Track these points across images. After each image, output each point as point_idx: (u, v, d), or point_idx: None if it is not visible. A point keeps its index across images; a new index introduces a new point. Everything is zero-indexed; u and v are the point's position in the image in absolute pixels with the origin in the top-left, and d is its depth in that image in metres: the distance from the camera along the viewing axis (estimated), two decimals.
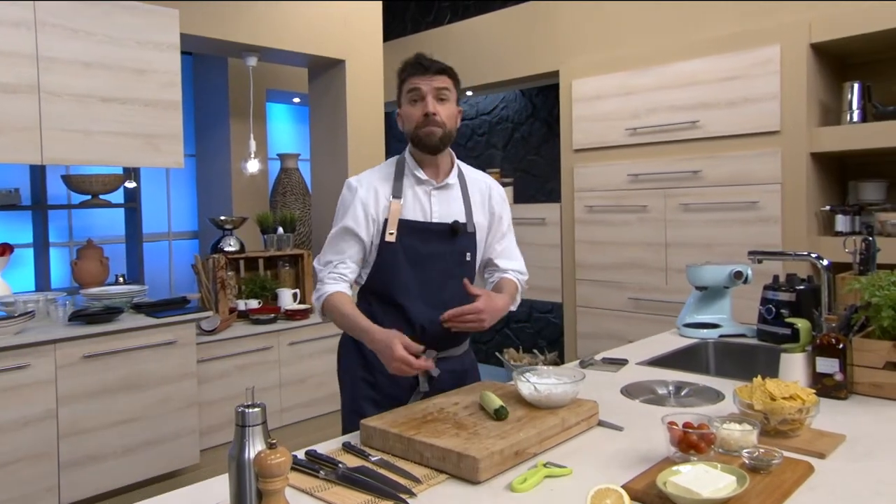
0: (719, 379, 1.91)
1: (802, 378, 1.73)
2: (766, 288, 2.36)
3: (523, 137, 5.19)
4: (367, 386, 1.76)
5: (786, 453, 1.30)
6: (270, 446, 0.95)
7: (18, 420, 2.57)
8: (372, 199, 1.71)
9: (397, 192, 1.71)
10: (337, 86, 3.84)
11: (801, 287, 2.27)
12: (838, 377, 1.68)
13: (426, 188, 1.74)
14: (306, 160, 4.71)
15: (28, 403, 2.59)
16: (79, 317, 2.77)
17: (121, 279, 3.75)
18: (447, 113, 1.69)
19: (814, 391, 1.43)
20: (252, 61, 3.60)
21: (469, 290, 1.60)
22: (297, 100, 5.14)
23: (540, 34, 4.35)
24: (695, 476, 1.12)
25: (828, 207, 3.31)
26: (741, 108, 3.39)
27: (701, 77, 3.51)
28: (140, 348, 2.86)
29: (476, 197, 1.82)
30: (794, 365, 1.75)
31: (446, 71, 1.71)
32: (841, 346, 1.68)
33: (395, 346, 1.48)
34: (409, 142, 1.75)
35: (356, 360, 1.79)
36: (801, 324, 1.77)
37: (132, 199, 3.93)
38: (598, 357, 2.18)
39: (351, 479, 1.22)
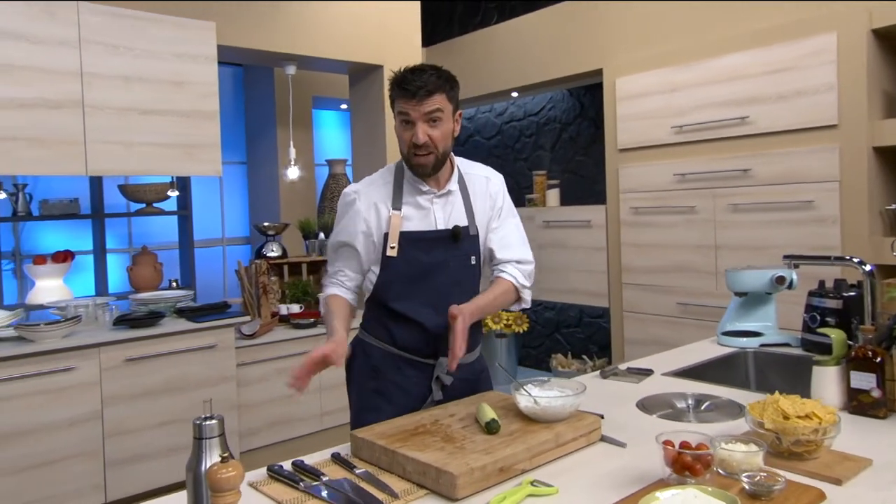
0: (746, 392, 1.79)
1: (836, 394, 1.60)
2: (810, 294, 2.20)
3: (571, 138, 5.07)
4: (375, 395, 1.72)
5: (797, 478, 1.20)
6: (223, 460, 0.94)
7: (66, 420, 2.69)
8: (373, 214, 1.68)
9: (397, 204, 1.67)
10: (375, 91, 3.86)
11: (850, 294, 2.10)
12: (875, 394, 1.53)
13: (428, 196, 1.70)
14: None
15: (75, 404, 2.72)
16: (122, 321, 2.88)
17: (174, 284, 3.89)
18: (441, 134, 1.62)
19: (836, 410, 1.31)
20: (291, 70, 3.67)
21: (451, 315, 1.56)
22: (344, 106, 5.21)
23: (583, 32, 4.25)
24: (681, 501, 1.04)
25: (893, 206, 3.07)
26: (793, 101, 3.19)
27: (749, 70, 3.33)
28: (181, 352, 2.95)
29: (478, 195, 1.77)
30: (826, 379, 1.62)
31: (437, 90, 1.59)
32: (879, 359, 1.54)
33: (313, 352, 1.47)
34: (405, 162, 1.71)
35: (364, 368, 1.77)
36: (835, 334, 1.63)
37: (184, 206, 4.08)
38: (623, 366, 2.08)
39: (322, 494, 1.20)
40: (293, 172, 3.77)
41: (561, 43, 4.38)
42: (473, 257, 1.73)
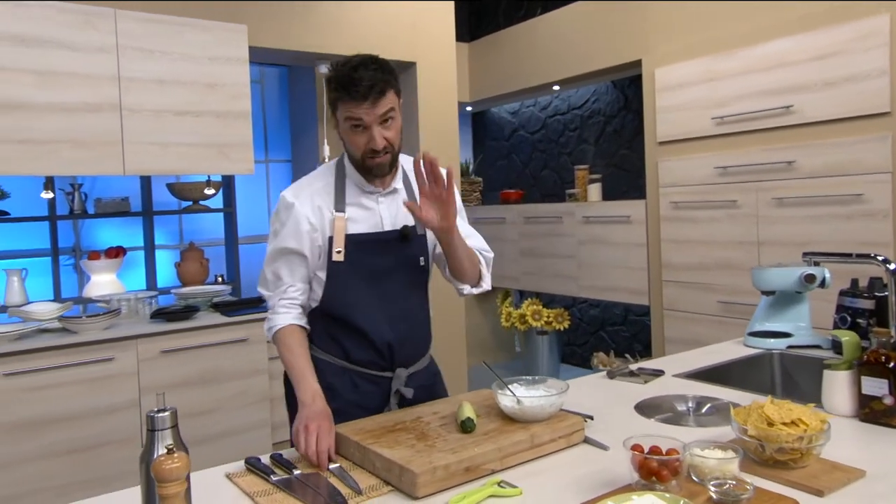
0: (757, 396, 1.70)
1: (847, 400, 1.51)
2: (842, 293, 2.08)
3: (615, 131, 4.95)
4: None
5: (777, 488, 1.14)
6: (169, 451, 0.97)
7: (106, 408, 2.84)
8: (316, 216, 1.55)
9: (340, 206, 1.55)
10: (409, 89, 3.88)
11: (884, 293, 1.97)
12: (888, 401, 1.44)
13: (373, 196, 1.60)
14: None
15: (114, 393, 2.86)
16: (159, 314, 3.01)
17: (220, 279, 4.03)
18: (395, 132, 1.52)
19: (827, 417, 1.23)
20: (324, 69, 3.72)
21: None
22: None
23: (622, 22, 4.13)
24: None
25: None
26: (841, 88, 3.00)
27: (794, 57, 3.16)
28: (214, 345, 3.05)
29: None
30: (837, 384, 1.53)
31: (387, 86, 1.46)
32: (892, 364, 1.44)
33: (310, 436, 1.33)
34: (352, 161, 1.57)
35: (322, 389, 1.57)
36: (847, 336, 1.53)
37: (228, 204, 4.21)
38: (634, 366, 2.02)
39: (290, 487, 1.23)
40: None
41: (600, 34, 4.28)
42: (423, 258, 1.63)
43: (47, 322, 2.91)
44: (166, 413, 1.03)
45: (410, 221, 1.61)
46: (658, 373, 1.95)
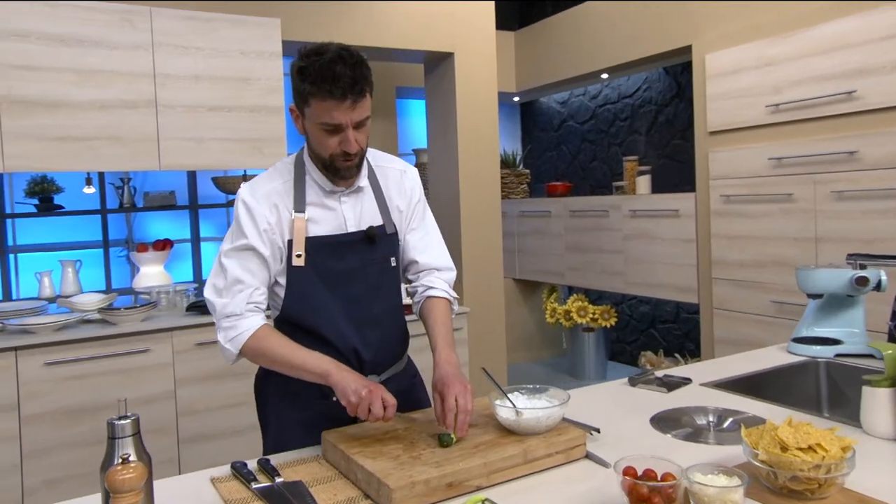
0: (793, 411, 1.56)
1: (888, 421, 1.36)
2: None
3: (668, 120, 4.73)
4: (298, 428, 1.48)
5: None
6: (123, 461, 0.94)
7: (143, 398, 2.91)
8: (274, 217, 1.43)
9: (300, 206, 1.44)
10: (447, 80, 3.81)
11: None
12: None
13: (335, 195, 1.48)
14: None
15: (150, 384, 2.93)
16: (194, 307, 3.06)
17: None
18: (366, 135, 1.42)
19: (854, 442, 1.10)
20: None
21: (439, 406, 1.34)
22: None
23: (671, 6, 3.92)
24: None
25: None
26: None
27: (856, 38, 2.91)
28: None
29: (391, 191, 1.56)
30: (877, 403, 1.38)
31: (366, 88, 1.35)
32: None
33: (376, 401, 1.28)
34: (314, 160, 1.46)
35: (282, 397, 1.54)
36: (891, 350, 1.38)
37: None
38: (660, 373, 1.90)
39: (268, 496, 1.19)
40: None
41: (649, 19, 4.08)
42: (393, 259, 1.54)
43: (88, 313, 3.00)
44: (127, 421, 1.01)
45: (376, 221, 1.52)
46: (685, 381, 1.82)
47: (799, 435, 1.09)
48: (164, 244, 3.97)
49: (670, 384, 1.79)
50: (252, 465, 1.34)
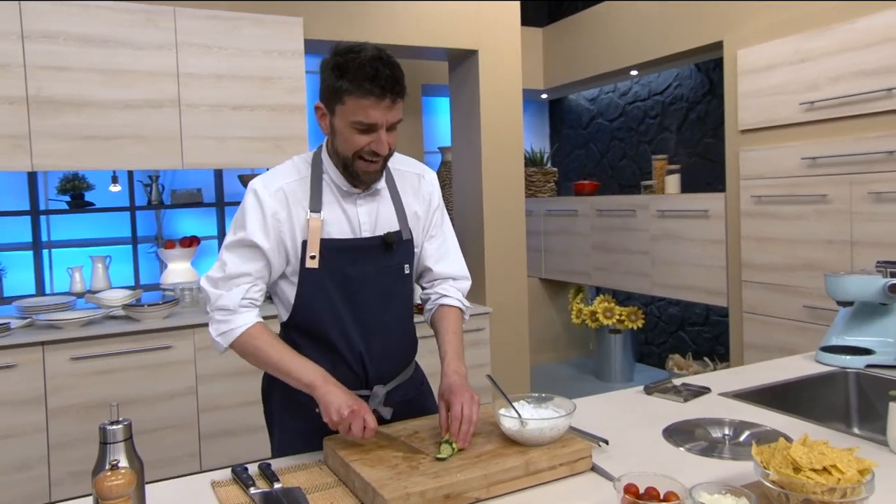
0: (806, 422, 1.49)
1: None
2: None
3: (699, 118, 4.62)
4: (300, 439, 1.45)
5: None
6: (112, 467, 0.94)
7: (164, 393, 2.95)
8: (284, 214, 1.39)
9: (316, 206, 1.39)
10: (471, 77, 3.77)
11: None
12: None
13: (352, 198, 1.44)
14: None
15: (172, 379, 2.97)
16: None
17: None
18: (394, 139, 1.37)
19: (872, 465, 1.04)
20: None
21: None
22: None
23: (702, 1, 3.81)
24: None
25: None
26: None
27: None
28: None
29: (408, 195, 1.51)
30: None
31: (404, 90, 1.32)
32: None
33: (356, 422, 1.25)
34: (334, 160, 1.41)
35: (286, 406, 1.51)
36: None
37: None
38: (677, 382, 1.84)
39: (264, 503, 1.18)
40: None
41: (679, 13, 3.98)
42: (407, 266, 1.48)
43: (113, 309, 3.05)
44: (119, 426, 1.00)
45: (393, 227, 1.47)
46: (703, 390, 1.76)
47: (813, 455, 1.03)
48: (190, 241, 4.02)
49: (687, 393, 1.73)
50: (253, 469, 1.33)
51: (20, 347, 2.72)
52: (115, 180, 3.73)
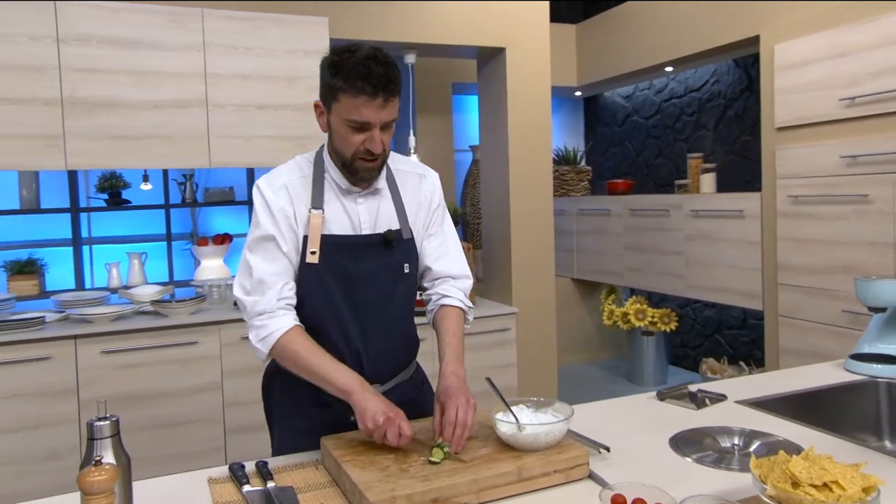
0: (825, 434, 1.42)
1: None
2: None
3: (737, 115, 4.48)
4: (299, 436, 1.47)
5: None
6: (96, 463, 0.95)
7: (191, 388, 3.01)
8: (290, 210, 1.41)
9: (317, 202, 1.41)
10: (499, 75, 3.73)
11: None
12: None
13: (352, 196, 1.46)
14: None
15: (199, 375, 3.02)
16: None
17: None
18: (390, 138, 1.40)
19: (878, 483, 0.98)
20: (410, 58, 3.67)
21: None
22: None
23: None
24: None
25: None
26: None
27: None
28: None
29: (409, 195, 1.52)
30: None
31: (398, 89, 1.34)
32: None
33: (391, 429, 1.24)
34: (334, 158, 1.43)
35: (285, 404, 1.54)
36: None
37: None
38: (693, 388, 1.78)
39: (255, 501, 1.18)
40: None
41: (714, 8, 3.86)
42: (407, 265, 1.49)
43: (143, 305, 3.13)
44: (106, 422, 1.02)
45: (393, 225, 1.48)
46: (719, 397, 1.70)
47: (814, 470, 0.98)
48: (223, 238, 4.09)
49: (701, 400, 1.67)
50: (251, 466, 1.34)
51: (54, 340, 2.81)
52: (146, 179, 3.82)
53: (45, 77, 2.82)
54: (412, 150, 3.75)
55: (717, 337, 4.87)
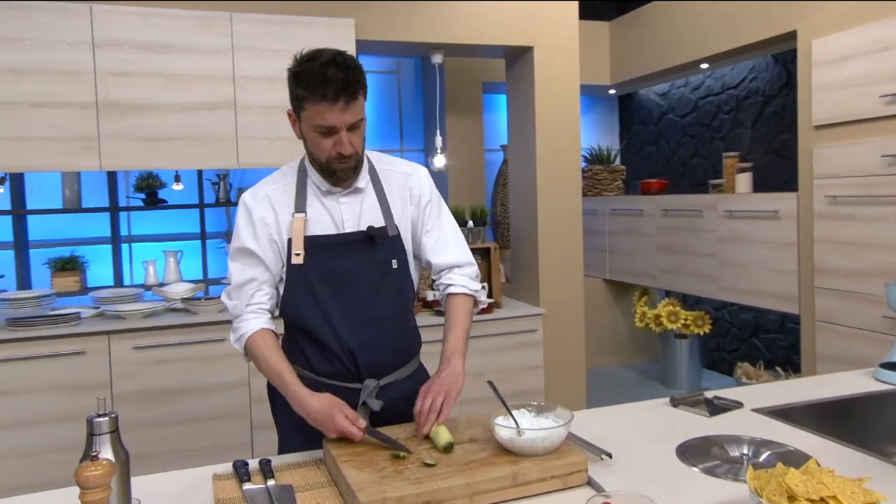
0: (842, 446, 1.37)
1: None
2: None
3: (776, 112, 4.35)
4: (298, 431, 1.48)
5: None
6: (93, 458, 0.98)
7: (219, 384, 3.08)
8: (272, 218, 1.47)
9: (300, 206, 1.47)
10: (526, 74, 3.70)
11: None
12: None
13: (334, 196, 1.50)
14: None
15: (226, 371, 3.09)
16: None
17: None
18: (361, 137, 1.44)
19: (880, 499, 0.94)
20: (438, 59, 3.67)
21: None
22: None
23: None
24: None
25: None
26: None
27: None
28: None
29: (394, 193, 1.55)
30: None
31: (358, 90, 1.37)
32: None
33: (337, 417, 1.31)
34: (313, 163, 1.49)
35: (285, 403, 1.51)
36: None
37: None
38: (710, 395, 1.74)
39: (253, 500, 1.20)
40: (439, 161, 3.79)
41: (750, 3, 3.75)
42: (395, 261, 1.52)
43: (173, 302, 3.21)
44: (105, 419, 1.05)
45: (377, 222, 1.51)
46: (735, 405, 1.65)
47: (811, 484, 0.95)
48: None
49: (716, 408, 1.63)
50: (254, 464, 1.36)
51: (89, 336, 2.91)
52: (177, 179, 3.91)
53: (82, 81, 2.92)
54: (438, 150, 3.76)
55: (754, 341, 4.74)
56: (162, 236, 4.21)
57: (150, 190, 3.85)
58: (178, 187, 3.91)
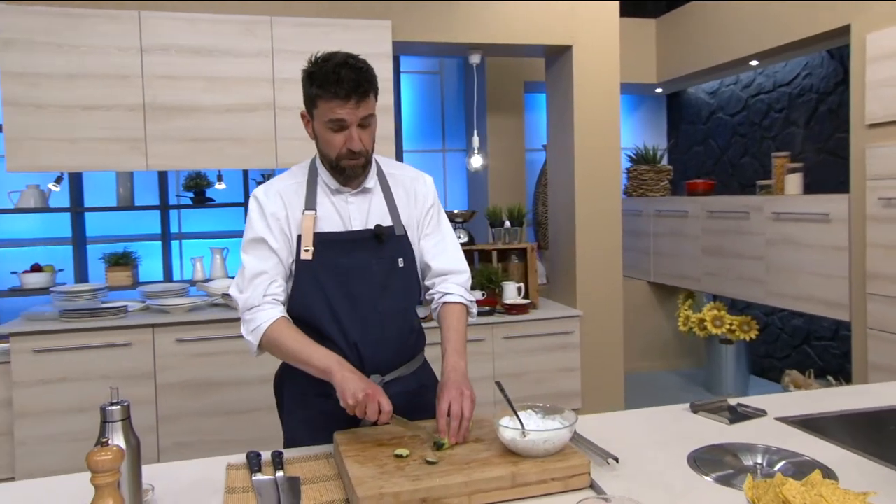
0: (866, 459, 1.31)
1: None
2: None
3: (830, 110, 4.17)
4: (302, 427, 1.55)
5: None
6: (103, 444, 1.03)
7: (256, 378, 3.16)
8: (283, 213, 1.51)
9: (310, 203, 1.51)
10: (566, 73, 3.66)
11: None
12: None
13: (343, 195, 1.53)
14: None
15: (262, 365, 3.13)
16: None
17: None
18: (371, 135, 1.49)
19: None
20: (475, 59, 3.67)
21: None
22: None
23: None
24: None
25: None
26: None
27: None
28: None
29: (401, 195, 1.59)
30: None
31: (370, 89, 1.44)
32: None
33: (378, 392, 1.32)
34: (324, 162, 1.53)
35: (294, 395, 1.61)
36: None
37: None
38: (733, 402, 1.69)
39: (259, 490, 1.24)
40: (476, 161, 3.79)
41: None
42: (402, 259, 1.54)
43: (215, 297, 3.32)
44: (118, 407, 1.10)
45: (384, 221, 1.54)
46: (758, 413, 1.60)
47: (809, 496, 0.91)
48: None
49: (738, 415, 1.59)
50: (267, 456, 1.40)
51: (134, 328, 3.04)
52: (220, 179, 4.03)
53: (130, 84, 3.05)
54: (476, 150, 3.76)
55: (805, 348, 4.56)
56: (210, 233, 4.35)
57: (198, 189, 3.99)
58: (220, 186, 4.04)
